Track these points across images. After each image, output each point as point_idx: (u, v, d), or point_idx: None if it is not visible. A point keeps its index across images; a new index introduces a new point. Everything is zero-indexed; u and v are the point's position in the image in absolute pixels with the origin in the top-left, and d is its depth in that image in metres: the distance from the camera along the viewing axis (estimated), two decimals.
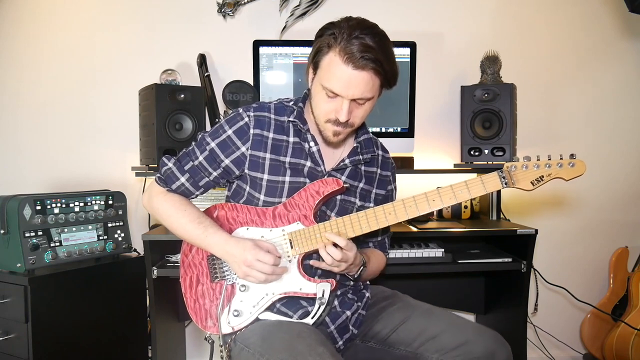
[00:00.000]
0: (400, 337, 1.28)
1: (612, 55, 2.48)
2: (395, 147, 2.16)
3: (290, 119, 1.31)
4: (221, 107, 2.14)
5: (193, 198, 1.38)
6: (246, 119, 1.29)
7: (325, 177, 1.31)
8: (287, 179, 1.29)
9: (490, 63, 2.22)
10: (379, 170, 1.42)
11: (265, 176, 1.29)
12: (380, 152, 1.45)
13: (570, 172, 1.21)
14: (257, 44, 2.10)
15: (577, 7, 2.46)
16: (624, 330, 2.27)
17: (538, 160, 1.22)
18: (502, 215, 2.28)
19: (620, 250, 2.48)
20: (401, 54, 2.11)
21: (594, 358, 2.45)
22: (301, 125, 1.31)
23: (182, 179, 1.33)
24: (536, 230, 1.89)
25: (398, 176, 1.53)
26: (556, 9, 2.45)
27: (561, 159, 1.21)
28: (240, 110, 1.32)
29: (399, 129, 2.17)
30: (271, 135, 1.30)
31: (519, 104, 2.21)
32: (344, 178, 1.34)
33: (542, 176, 1.21)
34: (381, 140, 1.51)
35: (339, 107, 1.20)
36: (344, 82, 1.17)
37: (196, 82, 2.24)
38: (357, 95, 1.19)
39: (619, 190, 2.52)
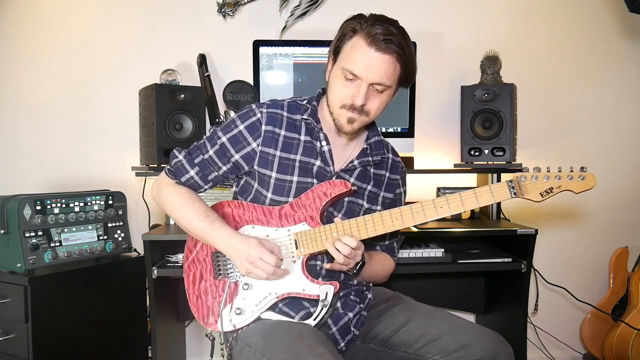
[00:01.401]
0: (401, 339, 1.28)
1: (612, 55, 2.48)
2: (395, 147, 2.16)
3: (304, 117, 1.31)
4: (221, 107, 2.14)
5: (202, 192, 1.38)
6: (258, 115, 1.30)
7: (334, 178, 1.31)
8: (295, 178, 1.29)
9: (490, 63, 2.22)
10: (387, 174, 1.42)
11: (274, 174, 1.29)
12: (390, 155, 1.44)
13: (580, 185, 1.20)
14: (257, 44, 2.10)
15: (577, 7, 2.46)
16: (624, 330, 2.27)
17: (548, 171, 1.21)
18: (502, 215, 2.28)
19: (620, 250, 2.48)
20: None
21: (594, 358, 2.45)
22: (314, 124, 1.31)
23: (192, 172, 1.33)
24: (536, 230, 1.89)
25: None
26: (556, 9, 2.46)
27: (571, 171, 1.20)
28: (254, 106, 1.32)
29: (399, 129, 2.17)
30: (283, 132, 1.30)
31: (519, 104, 2.21)
32: (352, 179, 1.34)
33: (552, 188, 1.20)
34: None
35: (357, 91, 1.21)
36: (365, 64, 1.18)
37: (196, 82, 2.24)
38: (376, 79, 1.19)
39: (619, 190, 2.52)
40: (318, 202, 1.27)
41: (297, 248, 1.27)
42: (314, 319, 1.22)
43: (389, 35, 1.17)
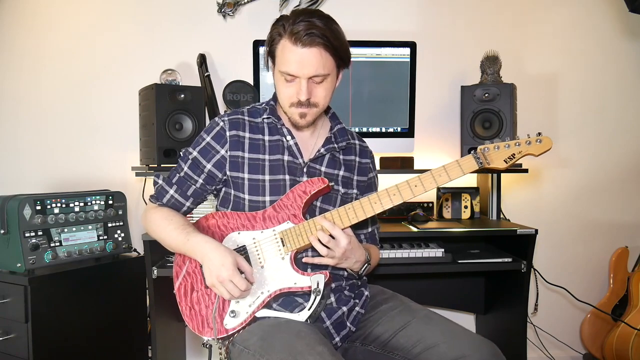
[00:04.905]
0: (399, 343, 1.28)
1: (612, 55, 2.48)
2: (395, 147, 2.16)
3: (265, 116, 1.38)
4: (221, 107, 2.14)
5: (185, 210, 1.41)
6: (221, 124, 1.36)
7: (305, 169, 1.35)
8: (267, 177, 1.33)
9: (490, 63, 2.22)
10: (357, 158, 1.46)
11: (246, 175, 1.33)
12: (356, 142, 1.49)
13: (538, 147, 1.29)
14: (257, 44, 2.10)
15: (577, 6, 2.46)
16: (624, 330, 2.27)
17: (508, 140, 1.30)
18: (502, 215, 2.28)
19: (620, 250, 2.48)
20: (401, 54, 2.11)
21: (594, 358, 2.45)
22: (275, 121, 1.37)
23: (171, 191, 1.38)
24: (536, 230, 1.90)
25: (398, 176, 1.54)
26: (556, 9, 2.46)
27: (529, 137, 1.29)
28: (216, 118, 1.39)
29: (399, 129, 2.17)
30: (247, 134, 1.36)
31: (519, 104, 2.21)
32: (323, 168, 1.38)
33: (514, 154, 1.28)
34: (381, 140, 1.52)
35: (298, 88, 1.27)
36: (296, 62, 1.24)
37: (196, 82, 2.24)
38: (311, 72, 1.25)
39: (619, 190, 2.52)
40: (299, 200, 1.31)
41: (283, 245, 1.29)
42: (308, 309, 1.23)
43: (311, 29, 1.21)
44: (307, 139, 1.41)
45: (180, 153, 1.42)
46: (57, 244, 1.73)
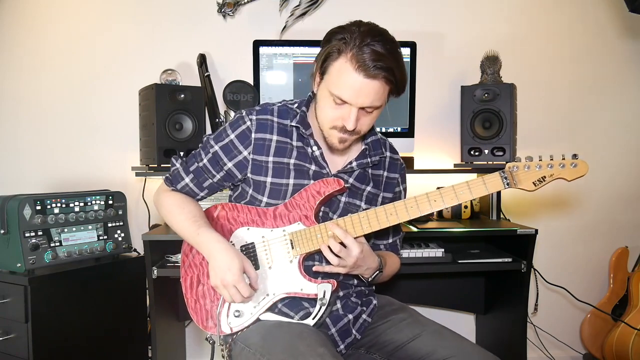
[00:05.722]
0: (407, 355, 1.26)
1: (611, 55, 2.48)
2: (395, 147, 2.16)
3: (293, 123, 1.30)
4: (221, 107, 2.14)
5: (199, 199, 1.39)
6: (248, 123, 1.29)
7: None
8: (292, 181, 1.29)
9: (490, 63, 2.22)
10: (385, 173, 1.40)
11: (269, 179, 1.28)
12: (388, 154, 1.42)
13: (572, 172, 1.19)
14: (257, 44, 2.10)
15: (577, 7, 2.46)
16: (624, 330, 2.27)
17: (540, 160, 1.20)
18: (502, 215, 2.28)
19: (620, 250, 2.48)
20: None
21: (594, 358, 2.45)
22: (303, 131, 1.29)
23: (187, 179, 1.35)
24: (536, 230, 1.89)
25: None
26: (556, 9, 2.46)
27: (563, 159, 1.20)
28: (243, 113, 1.31)
29: (399, 129, 2.17)
30: (275, 137, 1.29)
31: (519, 104, 2.21)
32: (351, 179, 1.33)
33: (544, 177, 1.19)
34: None
35: (347, 115, 1.19)
36: (354, 91, 1.15)
37: (196, 82, 2.24)
38: (366, 103, 1.17)
39: (618, 190, 2.52)
40: (312, 201, 1.26)
41: (293, 248, 1.26)
42: (313, 318, 1.22)
43: (379, 60, 1.11)
44: (338, 150, 1.33)
45: (203, 139, 1.35)
46: (57, 244, 1.72)
